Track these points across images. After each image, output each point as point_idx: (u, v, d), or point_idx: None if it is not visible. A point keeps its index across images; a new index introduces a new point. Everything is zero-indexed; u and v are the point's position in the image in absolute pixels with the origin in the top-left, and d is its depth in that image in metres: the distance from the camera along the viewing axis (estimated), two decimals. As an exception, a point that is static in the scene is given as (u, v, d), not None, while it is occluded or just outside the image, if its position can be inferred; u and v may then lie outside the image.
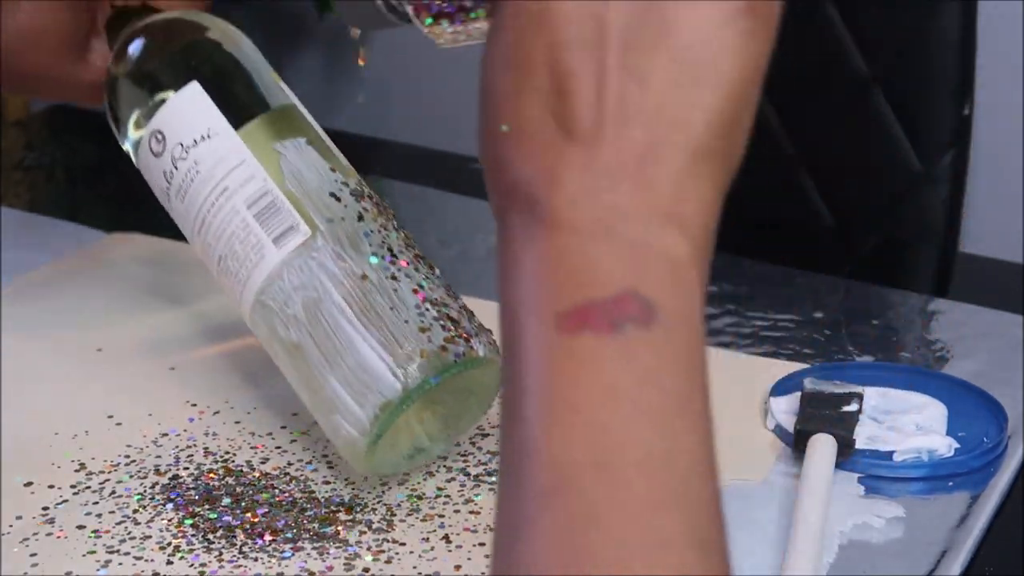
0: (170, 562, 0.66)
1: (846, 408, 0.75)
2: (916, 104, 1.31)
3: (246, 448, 0.75)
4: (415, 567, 0.66)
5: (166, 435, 0.76)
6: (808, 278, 0.97)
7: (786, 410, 0.77)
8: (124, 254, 0.99)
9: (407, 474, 0.72)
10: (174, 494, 0.71)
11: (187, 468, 0.73)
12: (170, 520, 0.69)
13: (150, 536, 0.68)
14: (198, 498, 0.71)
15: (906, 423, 0.77)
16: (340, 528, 0.68)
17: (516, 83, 0.42)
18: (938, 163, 1.31)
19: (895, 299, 0.97)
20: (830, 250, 1.16)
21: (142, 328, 0.88)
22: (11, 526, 0.69)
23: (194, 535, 0.68)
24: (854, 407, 0.75)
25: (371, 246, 0.67)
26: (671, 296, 0.41)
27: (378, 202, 0.70)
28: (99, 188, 1.19)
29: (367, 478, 0.72)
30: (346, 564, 0.66)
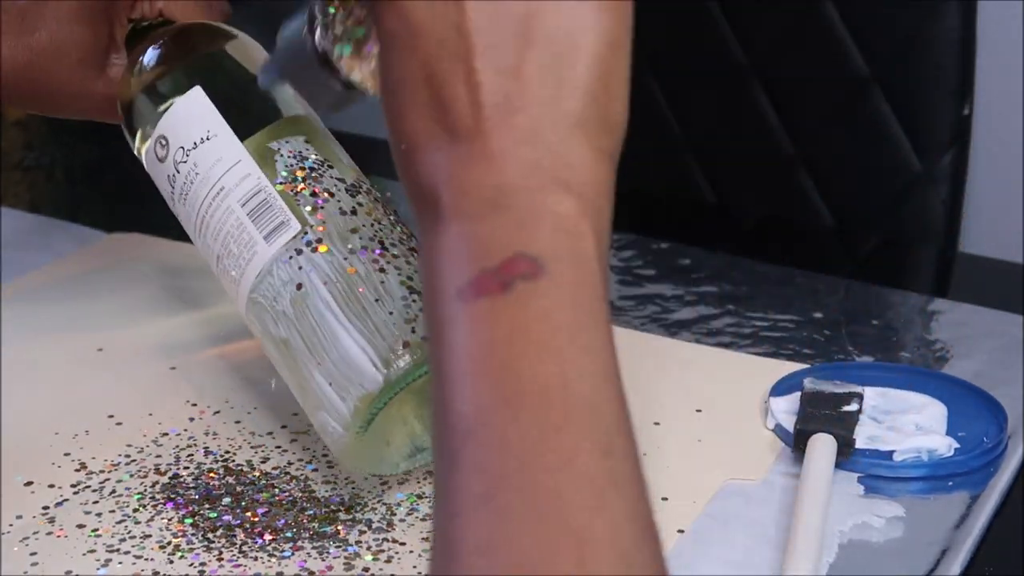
0: (170, 561, 0.66)
1: (846, 408, 0.75)
2: (916, 104, 1.31)
3: (246, 448, 0.75)
4: (415, 567, 0.66)
5: (166, 435, 0.76)
6: (808, 278, 0.97)
7: (786, 410, 0.77)
8: (124, 254, 0.99)
9: (407, 474, 0.72)
10: (174, 493, 0.71)
11: (187, 468, 0.73)
12: (170, 519, 0.69)
13: (150, 535, 0.68)
14: (198, 497, 0.71)
15: (906, 423, 0.77)
16: (340, 528, 0.68)
17: (403, 103, 0.47)
18: (938, 163, 1.31)
19: (895, 299, 0.97)
20: (830, 250, 1.16)
21: (142, 328, 0.88)
22: (11, 526, 0.69)
23: (194, 534, 0.68)
24: (854, 407, 0.75)
25: (361, 240, 0.67)
26: (558, 247, 0.45)
27: (376, 197, 0.70)
28: (99, 188, 1.19)
29: (367, 478, 0.72)
30: (346, 564, 0.66)
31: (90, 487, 0.72)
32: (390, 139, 0.48)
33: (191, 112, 0.70)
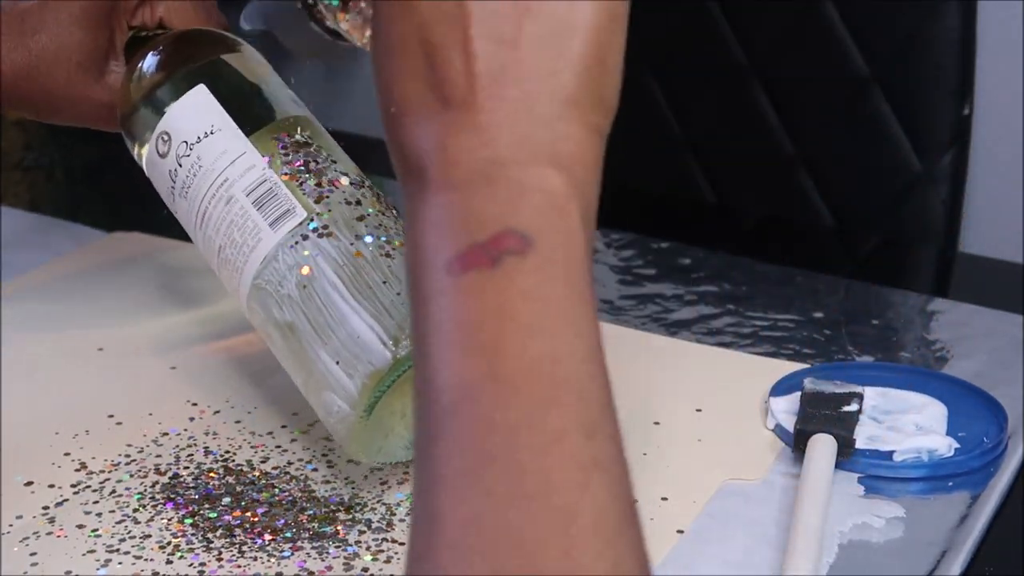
0: (170, 561, 0.66)
1: (846, 408, 0.75)
2: (916, 104, 1.31)
3: (246, 447, 0.75)
4: (415, 567, 0.66)
5: (166, 434, 0.76)
6: (808, 278, 0.97)
7: (786, 410, 0.77)
8: (124, 253, 0.99)
9: (406, 473, 0.72)
10: (174, 493, 0.71)
11: (187, 467, 0.73)
12: (170, 519, 0.69)
13: (150, 535, 0.68)
14: (198, 497, 0.71)
15: (906, 423, 0.77)
16: (339, 527, 0.68)
17: (395, 66, 0.46)
18: (938, 163, 1.31)
19: (895, 299, 0.97)
20: (830, 250, 1.16)
21: (143, 327, 0.88)
22: (11, 526, 0.69)
23: (194, 534, 0.68)
24: (854, 407, 0.75)
25: (367, 227, 0.68)
26: (546, 225, 0.45)
27: (378, 194, 0.71)
28: (99, 188, 1.19)
29: (366, 477, 0.72)
30: (345, 564, 0.66)
31: (90, 487, 0.72)
32: (379, 101, 0.48)
33: (195, 108, 0.71)
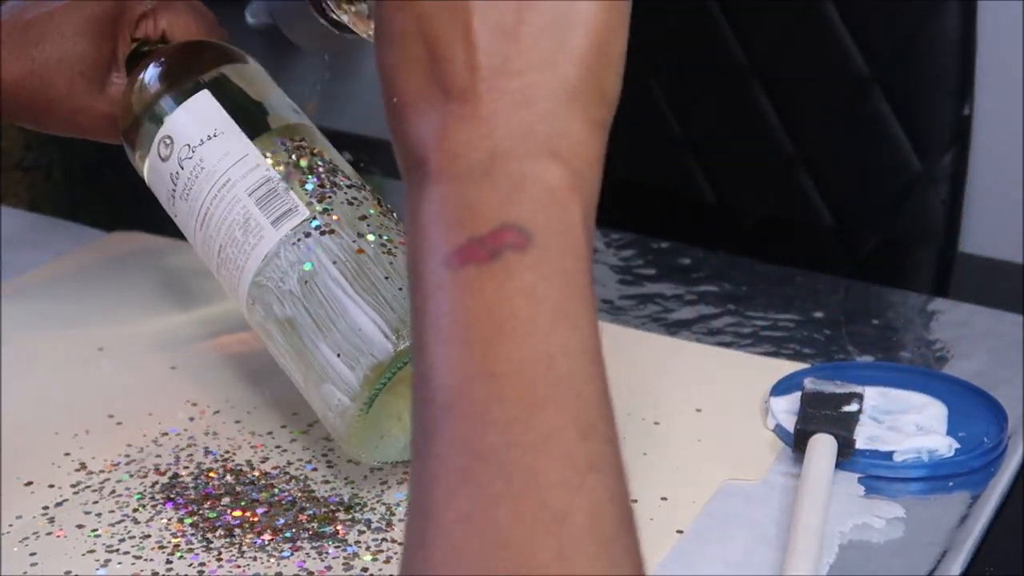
0: (169, 561, 0.66)
1: (846, 408, 0.75)
2: (916, 104, 1.31)
3: (246, 447, 0.75)
4: (415, 567, 0.66)
5: (166, 434, 0.76)
6: (808, 278, 0.97)
7: (786, 410, 0.77)
8: (125, 253, 0.99)
9: (406, 473, 0.72)
10: (174, 493, 0.71)
11: (187, 467, 0.73)
12: (170, 519, 0.69)
13: (150, 535, 0.68)
14: (198, 497, 0.71)
15: (906, 423, 0.77)
16: (339, 527, 0.68)
17: (397, 57, 0.46)
18: (938, 163, 1.31)
19: (895, 299, 0.97)
20: (830, 250, 1.16)
21: (143, 327, 0.88)
22: (11, 526, 0.69)
23: (194, 534, 0.68)
24: (854, 407, 0.75)
25: (368, 226, 0.69)
26: (546, 221, 0.44)
27: (378, 198, 0.71)
28: (99, 188, 1.19)
29: (366, 477, 0.72)
30: (345, 564, 0.66)
31: (90, 487, 0.72)
32: (383, 93, 0.48)
33: (198, 113, 0.72)
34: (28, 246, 1.00)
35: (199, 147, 0.71)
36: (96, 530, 0.68)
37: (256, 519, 0.69)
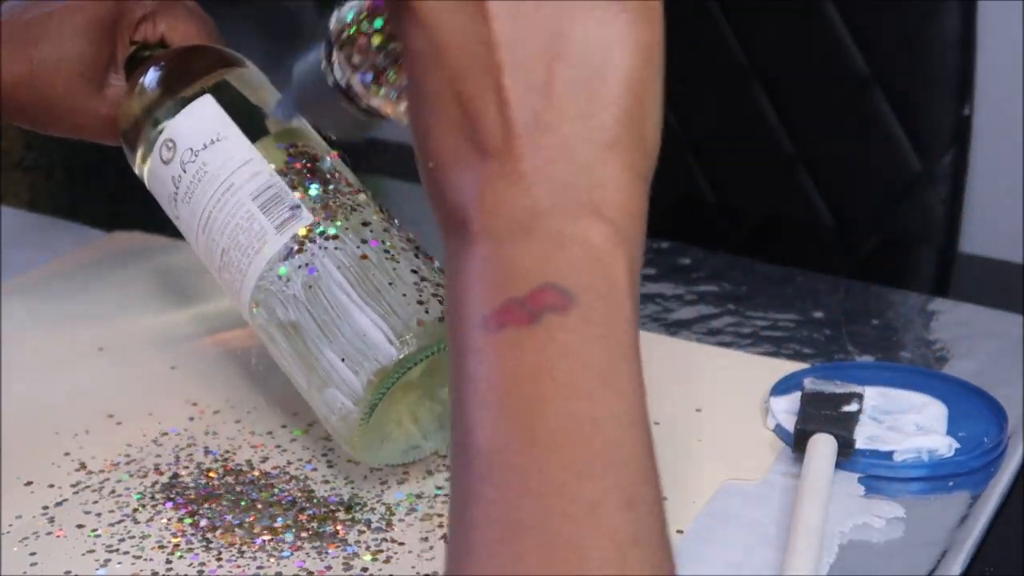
0: (169, 561, 0.66)
1: (846, 408, 0.75)
2: (916, 104, 1.31)
3: (246, 447, 0.75)
4: (413, 567, 0.66)
5: (166, 434, 0.76)
6: (808, 278, 0.97)
7: (786, 410, 0.77)
8: (125, 253, 0.99)
9: (406, 473, 0.72)
10: (174, 493, 0.71)
11: (187, 467, 0.73)
12: (169, 519, 0.69)
13: (149, 535, 0.68)
14: (198, 497, 0.71)
15: (906, 423, 0.77)
16: (339, 527, 0.68)
17: (431, 120, 0.46)
18: (938, 163, 1.31)
19: (895, 299, 0.97)
20: (830, 250, 1.16)
21: (143, 327, 0.88)
22: (11, 526, 0.69)
23: (193, 534, 0.68)
24: (854, 407, 0.75)
25: (372, 233, 0.69)
26: (588, 280, 0.43)
27: (380, 205, 0.72)
28: (99, 187, 1.19)
29: (366, 477, 0.72)
30: (345, 564, 0.66)
31: (90, 487, 0.72)
32: (417, 157, 0.47)
33: (200, 117, 0.72)
34: (28, 246, 1.00)
35: (202, 151, 0.71)
36: (96, 530, 0.68)
37: (256, 519, 0.69)
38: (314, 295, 0.67)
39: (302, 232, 0.68)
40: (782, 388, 0.80)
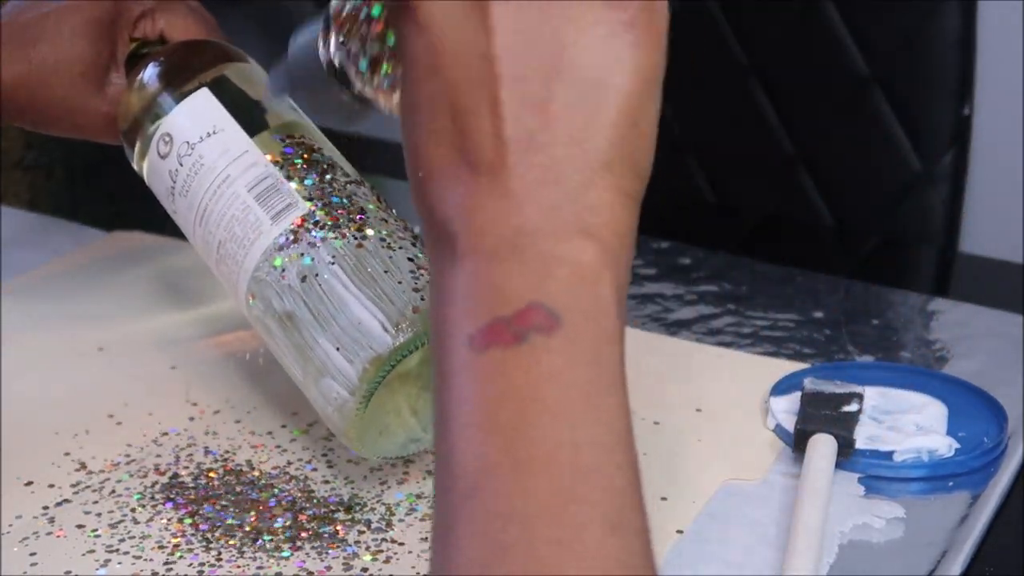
0: (169, 561, 0.66)
1: (846, 408, 0.75)
2: (916, 104, 1.31)
3: (246, 447, 0.75)
4: (413, 567, 0.66)
5: (166, 434, 0.76)
6: (808, 278, 0.97)
7: (786, 410, 0.77)
8: (125, 253, 0.99)
9: (406, 473, 0.72)
10: (174, 493, 0.71)
11: (187, 467, 0.73)
12: (170, 519, 0.69)
13: (150, 535, 0.68)
14: (198, 497, 0.71)
15: (906, 423, 0.77)
16: (339, 528, 0.68)
17: (423, 128, 0.45)
18: (938, 163, 1.31)
19: (895, 299, 0.97)
20: (830, 250, 1.16)
21: (142, 327, 0.88)
22: (11, 525, 0.69)
23: (193, 534, 0.68)
24: (854, 407, 0.75)
25: (368, 222, 0.69)
26: (575, 301, 0.43)
27: (377, 195, 0.72)
28: (99, 187, 1.19)
29: (366, 477, 0.72)
30: (345, 564, 0.66)
31: (90, 487, 0.72)
32: (407, 164, 0.46)
33: (197, 111, 0.72)
34: (28, 246, 1.00)
35: (198, 144, 0.71)
36: (96, 530, 0.68)
37: (256, 519, 0.69)
38: (309, 285, 0.67)
39: (298, 222, 0.68)
40: (782, 388, 0.80)
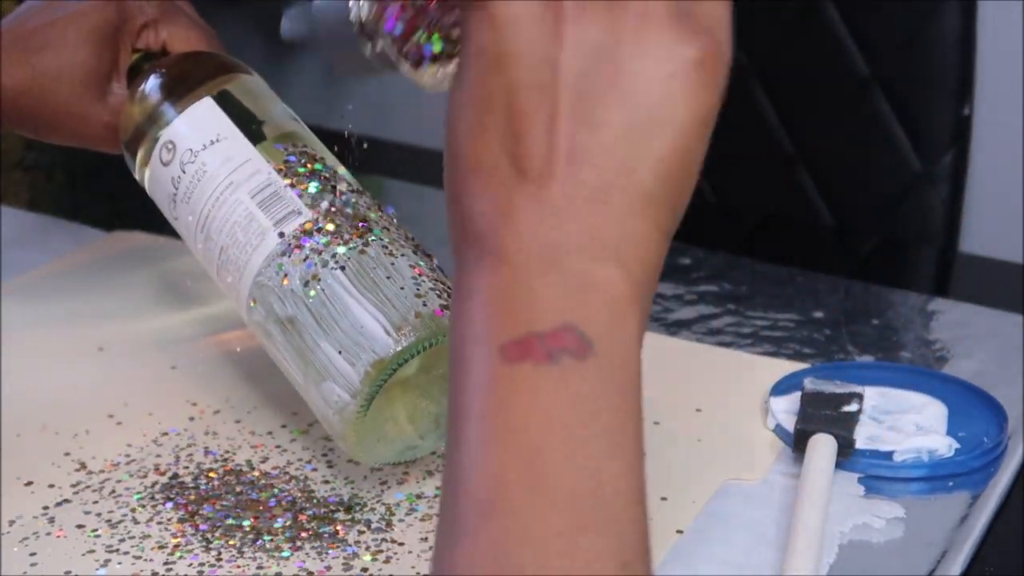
0: (169, 561, 0.66)
1: (846, 408, 0.75)
2: (916, 104, 1.31)
3: (246, 447, 0.75)
4: (413, 567, 0.66)
5: (166, 434, 0.76)
6: (808, 278, 0.97)
7: (786, 410, 0.77)
8: (125, 253, 0.99)
9: (406, 473, 0.72)
10: (174, 493, 0.71)
11: (187, 467, 0.73)
12: (170, 519, 0.69)
13: (150, 535, 0.68)
14: (198, 497, 0.71)
15: (906, 423, 0.77)
16: (339, 528, 0.68)
17: (475, 121, 0.44)
18: (938, 163, 1.31)
19: (895, 299, 0.97)
20: (830, 250, 1.16)
21: (143, 327, 0.88)
22: (11, 525, 0.69)
23: (193, 535, 0.68)
24: (854, 407, 0.75)
25: (370, 228, 0.69)
26: (607, 330, 0.43)
27: (378, 204, 0.72)
28: (99, 188, 1.19)
29: (366, 477, 0.72)
30: (345, 564, 0.66)
31: (90, 487, 0.72)
32: (447, 150, 0.45)
33: (201, 119, 0.73)
34: (28, 246, 1.00)
35: (202, 151, 0.71)
36: (96, 530, 0.68)
37: (256, 519, 0.69)
38: (312, 289, 0.67)
39: (301, 228, 0.68)
40: (782, 388, 0.80)
